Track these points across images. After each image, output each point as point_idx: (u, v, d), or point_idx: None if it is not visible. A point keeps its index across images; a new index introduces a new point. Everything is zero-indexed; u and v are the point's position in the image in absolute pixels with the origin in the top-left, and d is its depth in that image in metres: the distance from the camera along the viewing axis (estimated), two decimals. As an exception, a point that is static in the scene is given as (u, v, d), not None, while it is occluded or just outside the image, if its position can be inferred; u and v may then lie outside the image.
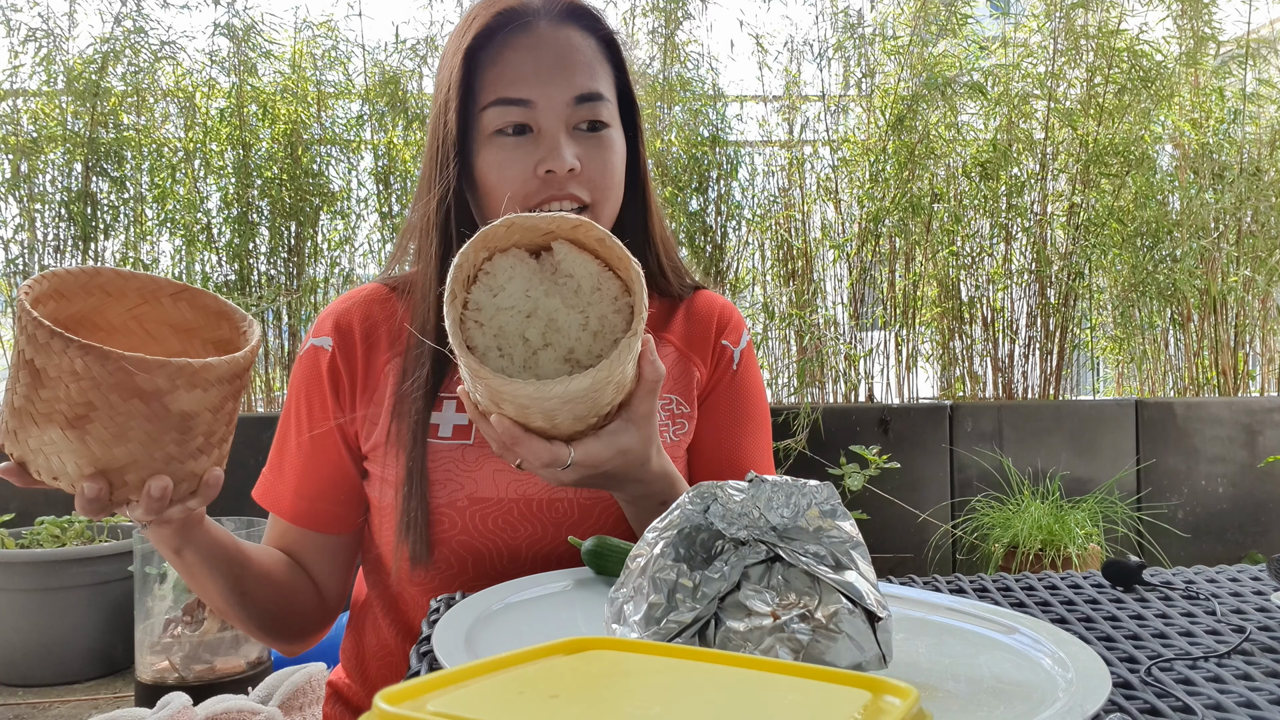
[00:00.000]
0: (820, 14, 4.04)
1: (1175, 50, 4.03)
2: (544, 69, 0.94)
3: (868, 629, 0.54)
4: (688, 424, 1.05)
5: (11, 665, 2.69)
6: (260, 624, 0.99)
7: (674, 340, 1.08)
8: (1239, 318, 4.15)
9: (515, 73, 0.94)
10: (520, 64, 0.94)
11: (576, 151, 0.94)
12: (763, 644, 0.53)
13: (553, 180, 0.93)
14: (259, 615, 0.98)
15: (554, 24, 0.96)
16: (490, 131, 0.95)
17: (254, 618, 0.98)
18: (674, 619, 0.55)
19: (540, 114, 0.94)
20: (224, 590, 0.95)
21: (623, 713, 0.36)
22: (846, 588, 0.55)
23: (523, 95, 0.93)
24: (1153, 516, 3.57)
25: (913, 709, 0.36)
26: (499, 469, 0.96)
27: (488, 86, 0.94)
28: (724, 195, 3.96)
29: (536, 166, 0.93)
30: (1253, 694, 0.58)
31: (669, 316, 1.08)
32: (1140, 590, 0.84)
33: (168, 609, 2.37)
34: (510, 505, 0.96)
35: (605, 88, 0.97)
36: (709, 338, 1.08)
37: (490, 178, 0.95)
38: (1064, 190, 4.07)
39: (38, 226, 3.71)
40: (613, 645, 0.45)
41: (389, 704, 0.34)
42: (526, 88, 0.93)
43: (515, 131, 0.94)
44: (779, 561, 0.56)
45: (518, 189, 0.94)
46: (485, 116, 0.95)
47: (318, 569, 1.04)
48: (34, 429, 0.73)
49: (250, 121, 3.80)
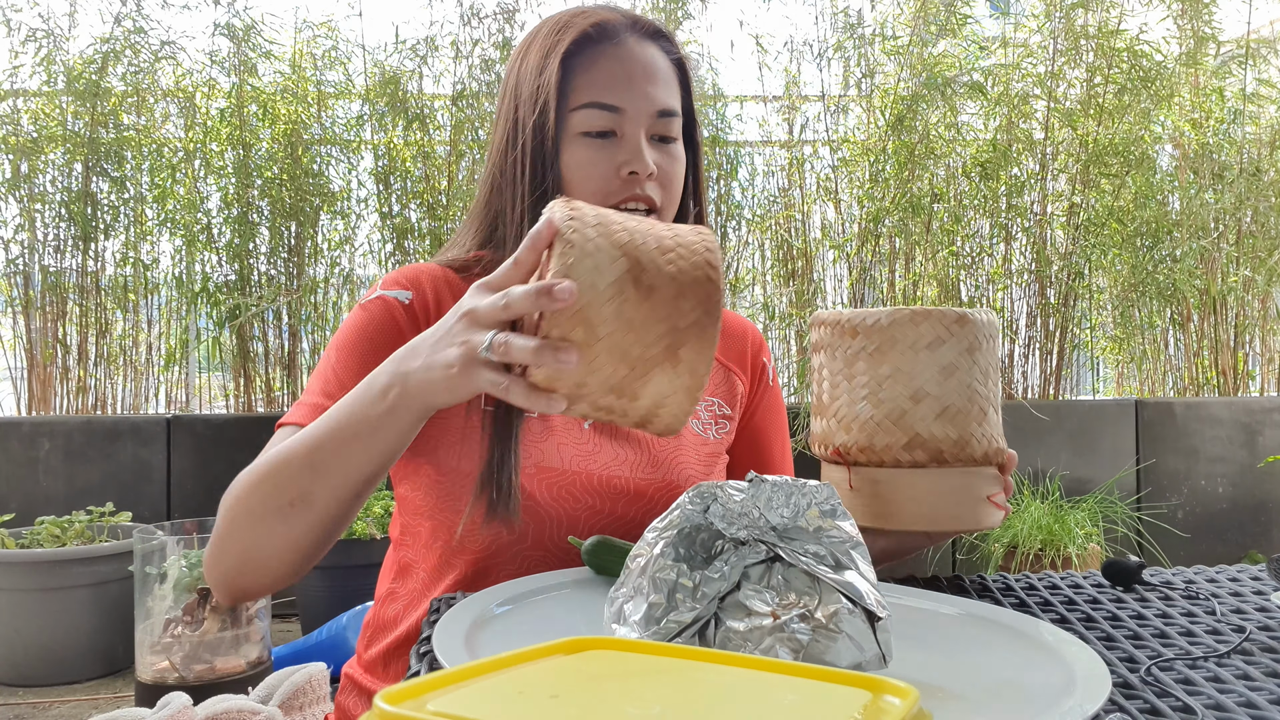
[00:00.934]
0: (820, 14, 4.04)
1: (1175, 50, 4.03)
2: (634, 80, 1.03)
3: (867, 629, 0.54)
4: (729, 425, 1.17)
5: (11, 665, 2.69)
6: (312, 545, 0.89)
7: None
8: (1239, 318, 4.16)
9: (609, 80, 1.03)
10: (613, 73, 1.03)
11: (654, 158, 1.04)
12: (763, 644, 0.53)
13: (633, 181, 1.02)
14: (319, 535, 0.89)
15: (640, 41, 1.06)
16: (577, 132, 1.03)
17: (313, 535, 0.88)
18: (674, 619, 0.55)
19: (627, 121, 1.03)
20: (338, 490, 0.85)
21: (623, 713, 0.36)
22: (846, 588, 0.55)
23: (614, 102, 1.02)
24: (1153, 516, 3.57)
25: (913, 709, 0.36)
26: (563, 442, 1.02)
27: (581, 90, 1.03)
28: (724, 195, 3.96)
29: (620, 168, 1.02)
30: (1253, 694, 0.58)
31: None
32: (1140, 590, 0.84)
33: (168, 609, 2.37)
34: (574, 477, 1.01)
35: (678, 105, 1.07)
36: (746, 354, 1.22)
37: (574, 174, 1.03)
38: (1064, 190, 4.07)
39: (38, 226, 3.71)
40: (613, 645, 0.45)
41: (389, 704, 0.34)
42: (618, 96, 1.02)
43: (598, 135, 1.03)
44: (779, 561, 0.56)
45: (599, 186, 1.02)
46: (575, 116, 1.03)
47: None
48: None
49: (250, 121, 3.80)
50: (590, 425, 1.06)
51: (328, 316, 3.95)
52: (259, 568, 0.90)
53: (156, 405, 3.89)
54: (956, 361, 0.82)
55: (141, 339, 3.86)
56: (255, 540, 0.88)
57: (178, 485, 3.33)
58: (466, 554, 1.00)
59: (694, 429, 1.13)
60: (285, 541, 0.87)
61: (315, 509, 0.85)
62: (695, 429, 1.14)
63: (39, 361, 3.68)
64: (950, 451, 0.81)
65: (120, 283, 3.80)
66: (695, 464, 1.10)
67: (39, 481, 3.27)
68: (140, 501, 3.25)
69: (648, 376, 0.68)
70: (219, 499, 0.91)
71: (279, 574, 0.91)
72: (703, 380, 0.70)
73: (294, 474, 0.85)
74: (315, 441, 0.84)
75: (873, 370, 0.84)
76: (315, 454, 0.84)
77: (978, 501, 0.82)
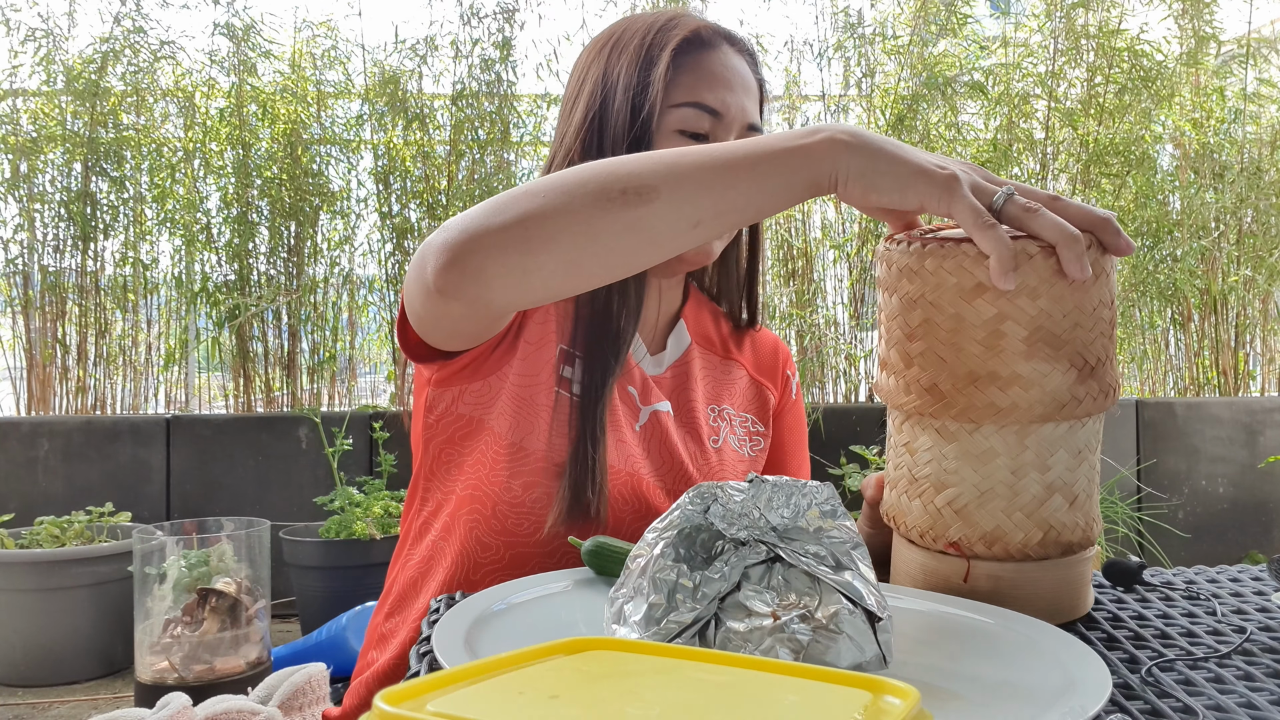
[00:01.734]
0: (820, 13, 4.04)
1: (1176, 50, 4.03)
2: (735, 89, 1.03)
3: (868, 629, 0.54)
4: (763, 441, 1.18)
5: (11, 665, 2.69)
6: (627, 252, 0.76)
7: (745, 365, 1.19)
8: (1239, 318, 4.15)
9: (714, 83, 1.03)
10: (717, 77, 1.03)
11: None
12: (763, 644, 0.53)
13: None
14: (631, 246, 0.76)
15: (736, 54, 1.07)
16: (673, 129, 1.02)
17: (627, 242, 0.75)
18: (674, 619, 0.55)
19: (723, 127, 1.03)
20: (683, 204, 0.73)
21: (623, 713, 0.36)
22: (846, 588, 0.55)
23: (716, 106, 1.02)
24: (1153, 516, 3.57)
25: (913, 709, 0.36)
26: (619, 440, 1.02)
27: (684, 88, 1.02)
28: (724, 195, 3.95)
29: None
30: (1254, 694, 0.58)
31: (740, 345, 1.20)
32: (1140, 590, 0.84)
33: (167, 609, 2.37)
34: (626, 477, 1.01)
35: (761, 125, 1.08)
36: (776, 367, 1.22)
37: None
38: (1064, 190, 4.07)
39: (37, 226, 3.71)
40: (613, 645, 0.45)
41: (389, 704, 0.34)
42: (720, 100, 1.02)
43: (693, 135, 1.02)
44: (779, 562, 0.56)
45: None
46: (673, 114, 1.02)
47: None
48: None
49: (250, 121, 3.80)
50: (640, 428, 1.06)
51: (327, 316, 3.95)
52: (543, 235, 0.73)
53: (156, 405, 3.89)
54: (1089, 443, 0.75)
55: (141, 339, 3.86)
56: (549, 222, 0.73)
57: (177, 485, 3.33)
58: (538, 549, 0.97)
59: (731, 445, 1.13)
60: (580, 235, 0.73)
61: (648, 209, 0.72)
62: (733, 445, 1.14)
63: (38, 361, 3.68)
64: (1079, 541, 0.74)
65: (120, 283, 3.80)
66: (734, 479, 1.10)
67: (38, 481, 3.27)
68: (140, 501, 3.25)
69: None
70: (219, 499, 0.90)
71: (540, 279, 0.76)
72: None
73: (650, 167, 0.74)
74: (689, 154, 0.74)
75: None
76: (681, 158, 0.74)
77: (1089, 585, 0.77)
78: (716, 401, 1.14)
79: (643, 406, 1.08)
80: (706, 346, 1.17)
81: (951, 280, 0.71)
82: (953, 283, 0.71)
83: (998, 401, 0.71)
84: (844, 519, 0.59)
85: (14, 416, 3.61)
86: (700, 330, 1.17)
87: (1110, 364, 0.74)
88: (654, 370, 1.11)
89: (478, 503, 0.99)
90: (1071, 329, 0.70)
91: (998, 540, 0.73)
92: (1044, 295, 0.70)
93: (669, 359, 1.13)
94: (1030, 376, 0.70)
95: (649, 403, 1.08)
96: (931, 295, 0.72)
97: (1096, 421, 0.75)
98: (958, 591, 0.75)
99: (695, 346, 1.15)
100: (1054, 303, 0.70)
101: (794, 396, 1.24)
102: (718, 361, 1.17)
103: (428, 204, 3.85)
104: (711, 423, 1.13)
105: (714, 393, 1.14)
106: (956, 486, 0.74)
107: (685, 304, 1.17)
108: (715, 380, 1.15)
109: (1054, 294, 0.70)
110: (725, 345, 1.19)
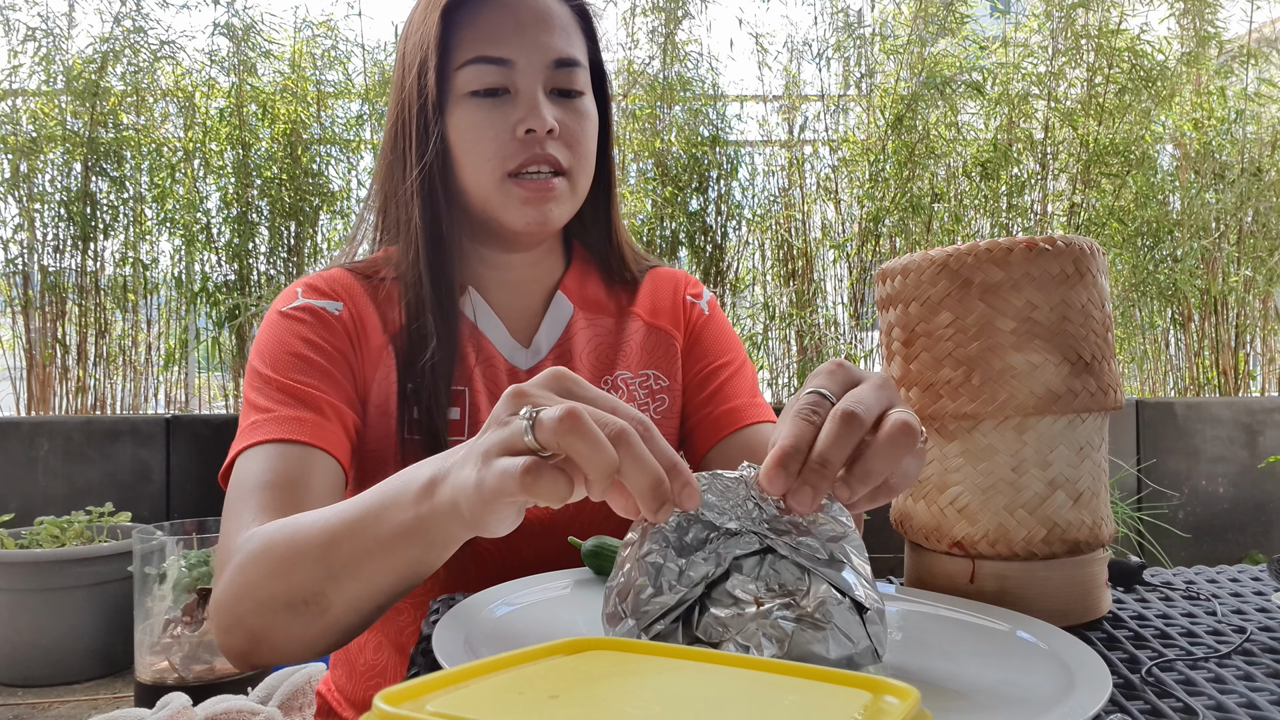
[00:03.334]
0: (820, 13, 4.04)
1: (1177, 50, 4.03)
2: (525, 29, 0.93)
3: (857, 620, 0.53)
4: (668, 399, 1.06)
5: (11, 665, 2.69)
6: (329, 645, 0.74)
7: (641, 314, 1.08)
8: (1239, 318, 4.15)
9: (495, 31, 0.92)
10: (500, 23, 0.92)
11: (555, 113, 0.94)
12: (744, 631, 0.52)
13: (532, 140, 0.92)
14: (334, 638, 0.74)
15: None
16: (465, 92, 0.93)
17: (328, 638, 0.74)
18: (658, 602, 0.55)
19: (519, 74, 0.92)
20: (356, 601, 0.70)
21: (623, 713, 0.36)
22: (835, 579, 0.54)
23: (502, 54, 0.92)
24: (1153, 516, 3.57)
25: (913, 709, 0.36)
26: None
27: (465, 45, 0.93)
28: (724, 195, 3.96)
29: (516, 126, 0.92)
30: (1254, 694, 0.58)
31: (633, 296, 1.09)
32: (1140, 590, 0.84)
33: (167, 609, 2.37)
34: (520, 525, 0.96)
35: (581, 55, 0.97)
36: (675, 300, 1.10)
37: (464, 139, 0.94)
38: (1064, 190, 4.07)
39: (37, 226, 3.71)
40: (613, 645, 0.45)
41: (389, 704, 0.34)
42: (506, 47, 0.92)
43: (487, 94, 0.93)
44: (770, 553, 0.56)
45: (495, 150, 0.93)
46: (460, 76, 0.93)
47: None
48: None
49: (250, 121, 3.80)
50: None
51: (327, 316, 3.95)
52: (271, 651, 0.75)
53: (156, 405, 3.89)
54: (1091, 440, 0.75)
55: (141, 339, 3.86)
56: (265, 628, 0.73)
57: (177, 485, 3.33)
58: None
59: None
60: (297, 639, 0.72)
61: (330, 614, 0.70)
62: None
63: (38, 361, 3.68)
64: (1086, 540, 0.74)
65: (119, 282, 3.80)
66: None
67: (39, 481, 3.27)
68: (140, 501, 3.25)
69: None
70: (219, 499, 0.89)
71: (293, 659, 0.77)
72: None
73: (308, 572, 0.69)
74: (330, 538, 0.68)
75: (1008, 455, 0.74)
76: (331, 554, 0.68)
77: (1102, 588, 0.76)
78: (608, 370, 1.04)
79: None
80: (595, 310, 1.07)
81: (941, 283, 0.73)
82: (942, 284, 0.73)
83: (993, 395, 0.72)
84: (839, 512, 0.59)
85: (14, 416, 3.61)
86: (585, 294, 1.07)
87: (1108, 363, 0.75)
88: (531, 362, 1.02)
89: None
90: (1059, 322, 0.72)
91: (1001, 538, 0.73)
92: (1027, 288, 0.72)
93: (548, 341, 1.03)
94: (1022, 368, 0.72)
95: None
96: (923, 300, 0.75)
97: (1099, 420, 0.75)
98: (965, 593, 0.75)
99: (580, 315, 1.05)
100: (1039, 296, 0.72)
101: (706, 314, 1.11)
102: (610, 324, 1.06)
103: (428, 204, 3.85)
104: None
105: (603, 361, 1.04)
106: (959, 485, 0.74)
107: (568, 270, 1.07)
108: (604, 347, 1.05)
109: (1037, 288, 0.72)
110: (618, 301, 1.08)
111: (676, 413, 1.07)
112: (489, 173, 0.94)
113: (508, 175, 0.94)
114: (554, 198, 0.95)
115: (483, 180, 0.94)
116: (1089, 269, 0.73)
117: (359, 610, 0.70)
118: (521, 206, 0.94)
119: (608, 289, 1.09)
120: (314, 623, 0.70)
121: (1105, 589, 0.77)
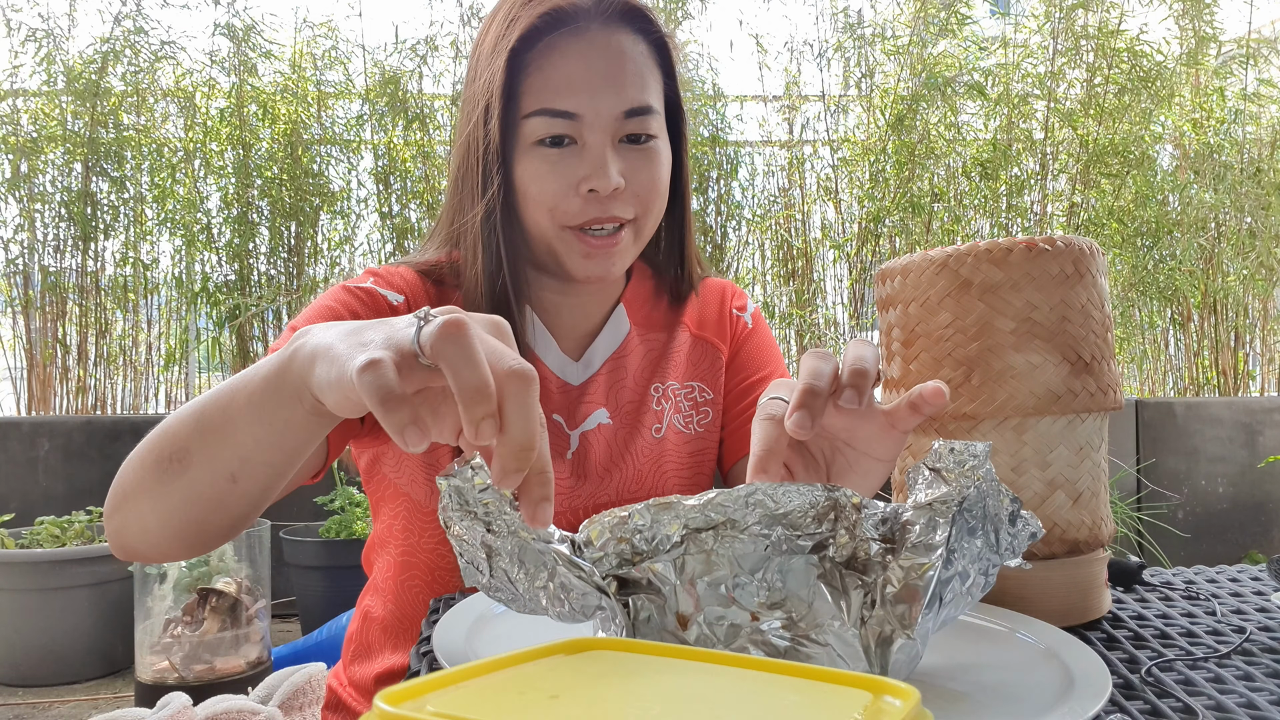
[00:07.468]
0: (820, 14, 4.05)
1: (1176, 50, 4.03)
2: (594, 79, 0.88)
3: (856, 644, 0.51)
4: (712, 412, 1.07)
5: (11, 665, 2.69)
6: (181, 522, 0.72)
7: (689, 325, 1.09)
8: (1239, 318, 4.15)
9: (563, 82, 0.88)
10: (569, 72, 0.88)
11: (621, 167, 0.90)
12: (735, 644, 0.52)
13: (594, 200, 0.90)
14: (188, 512, 0.71)
15: (605, 27, 0.90)
16: (531, 141, 0.90)
17: (182, 511, 0.71)
18: (644, 533, 0.55)
19: (587, 127, 0.89)
20: (214, 460, 0.68)
21: (623, 713, 0.36)
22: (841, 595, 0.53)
23: (569, 108, 0.88)
24: (1153, 516, 3.57)
25: (913, 709, 0.36)
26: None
27: (531, 93, 0.89)
28: (724, 195, 3.96)
29: (579, 184, 0.89)
30: (1254, 694, 0.58)
31: (684, 307, 1.10)
32: (1140, 590, 0.84)
33: (168, 609, 2.37)
34: (556, 519, 0.97)
35: (655, 98, 0.93)
36: (721, 313, 1.11)
37: (530, 188, 0.91)
38: (1064, 190, 4.07)
39: (38, 226, 3.71)
40: (613, 645, 0.45)
41: (389, 704, 0.34)
42: (574, 100, 0.88)
43: (554, 142, 0.89)
44: (778, 555, 0.55)
45: (557, 204, 0.90)
46: (526, 125, 0.89)
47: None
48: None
49: (250, 121, 3.80)
50: (571, 455, 0.99)
51: (328, 316, 3.95)
52: (135, 526, 0.74)
53: (156, 405, 3.89)
54: (1091, 440, 0.74)
55: (141, 339, 3.86)
56: (133, 492, 0.72)
57: (178, 485, 3.33)
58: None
59: (676, 425, 1.04)
60: (156, 505, 0.71)
61: (189, 474, 0.68)
62: (677, 425, 1.04)
63: (39, 361, 3.68)
64: (1086, 540, 0.73)
65: (120, 283, 3.80)
66: (678, 471, 1.03)
67: (39, 481, 3.27)
68: (140, 501, 3.25)
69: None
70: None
71: (151, 542, 0.74)
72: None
73: (181, 424, 0.69)
74: (210, 395, 0.68)
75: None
76: (205, 407, 0.67)
77: (1101, 588, 0.76)
78: (661, 379, 1.05)
79: (571, 432, 0.99)
80: (651, 325, 1.07)
81: (941, 283, 0.73)
82: (942, 285, 0.73)
83: (993, 395, 0.72)
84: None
85: (14, 416, 3.61)
86: (644, 309, 1.07)
87: (1107, 364, 0.75)
88: (583, 376, 1.01)
89: (412, 569, 0.99)
90: (1059, 323, 0.72)
91: None
92: (1027, 289, 0.72)
93: (602, 355, 1.03)
94: (1022, 368, 0.71)
95: (577, 424, 1.00)
96: (923, 301, 0.74)
97: (1098, 420, 0.75)
98: None
99: (635, 330, 1.05)
100: (1038, 296, 0.72)
101: (750, 326, 1.12)
102: (662, 337, 1.07)
103: (428, 204, 3.85)
104: (655, 406, 1.04)
105: (653, 371, 1.05)
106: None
107: (628, 284, 1.07)
108: (657, 358, 1.06)
109: (1037, 288, 0.72)
110: (667, 316, 1.08)
111: (718, 427, 1.08)
112: (551, 224, 0.92)
113: (569, 228, 0.92)
114: (617, 252, 0.93)
115: (545, 228, 0.93)
116: (1089, 269, 0.73)
117: (214, 472, 0.67)
118: (583, 260, 0.93)
119: (666, 303, 1.09)
120: (173, 481, 0.68)
121: (1105, 589, 0.77)
